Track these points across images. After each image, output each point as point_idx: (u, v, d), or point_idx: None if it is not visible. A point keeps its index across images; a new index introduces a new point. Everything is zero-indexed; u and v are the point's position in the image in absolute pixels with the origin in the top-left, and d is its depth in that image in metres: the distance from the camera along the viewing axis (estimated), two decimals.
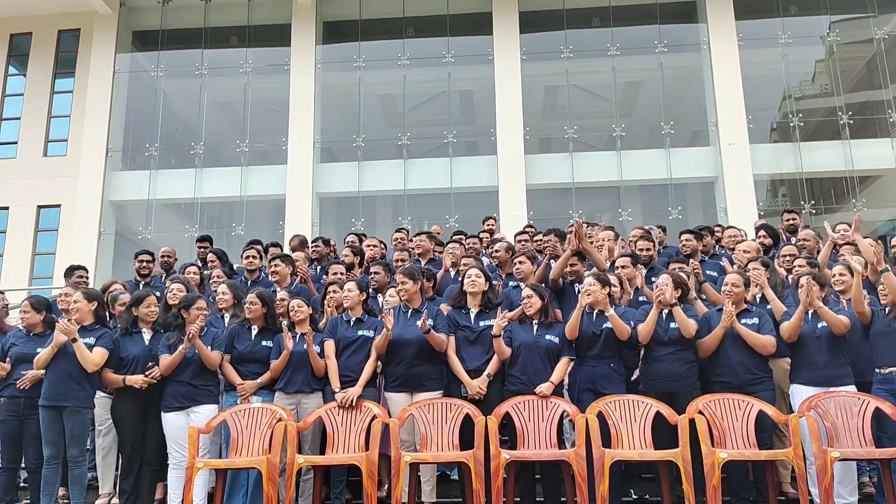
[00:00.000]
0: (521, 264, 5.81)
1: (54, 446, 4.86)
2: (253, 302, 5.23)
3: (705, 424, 4.37)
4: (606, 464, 4.28)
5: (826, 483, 4.12)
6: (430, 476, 4.95)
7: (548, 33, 15.65)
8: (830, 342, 4.70)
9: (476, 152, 15.67)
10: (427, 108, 16.04)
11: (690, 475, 4.21)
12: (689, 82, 16.11)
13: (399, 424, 4.63)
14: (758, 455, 4.45)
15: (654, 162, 14.84)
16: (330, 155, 15.77)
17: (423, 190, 15.27)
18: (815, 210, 14.57)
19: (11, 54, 16.51)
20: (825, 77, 15.43)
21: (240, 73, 15.81)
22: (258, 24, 16.13)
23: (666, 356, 4.77)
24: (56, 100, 16.21)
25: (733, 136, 14.44)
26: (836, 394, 4.58)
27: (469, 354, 4.99)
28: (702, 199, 15.26)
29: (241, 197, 15.18)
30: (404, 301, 5.15)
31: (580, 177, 14.83)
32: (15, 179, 15.42)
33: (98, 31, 15.93)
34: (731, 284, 4.94)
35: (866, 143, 14.67)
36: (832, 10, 15.30)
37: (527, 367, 4.82)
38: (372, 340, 5.06)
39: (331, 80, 15.92)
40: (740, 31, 15.04)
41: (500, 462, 4.36)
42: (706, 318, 4.97)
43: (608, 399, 4.68)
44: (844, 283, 5.17)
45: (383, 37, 16.06)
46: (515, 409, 4.73)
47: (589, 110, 16.15)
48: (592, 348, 4.86)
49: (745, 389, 4.69)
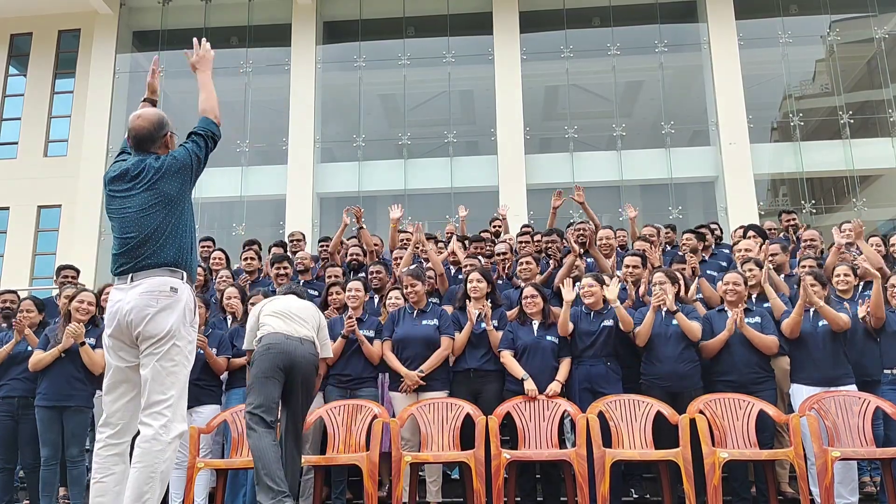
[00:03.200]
0: (528, 264, 5.82)
1: (52, 447, 4.86)
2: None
3: (706, 424, 4.37)
4: (607, 463, 4.28)
5: (827, 483, 4.12)
6: (435, 476, 4.95)
7: (548, 33, 15.64)
8: (831, 341, 4.69)
9: (476, 152, 15.66)
10: (427, 108, 16.04)
11: (691, 475, 4.21)
12: (689, 82, 16.10)
13: (400, 424, 4.63)
14: (759, 455, 4.45)
15: (655, 162, 14.84)
16: (330, 155, 15.76)
17: (423, 190, 15.26)
18: (816, 210, 14.57)
19: (12, 55, 16.51)
20: (825, 76, 15.43)
21: (240, 73, 15.81)
22: (258, 24, 16.12)
23: (669, 356, 4.77)
24: (56, 100, 16.21)
25: (734, 136, 14.44)
26: (836, 393, 4.58)
27: (470, 355, 5.01)
28: (702, 198, 15.25)
29: (241, 197, 15.19)
30: (412, 302, 5.15)
31: (580, 177, 14.80)
32: (15, 179, 15.43)
33: (98, 32, 15.94)
34: (731, 283, 4.94)
35: (867, 142, 14.66)
36: (832, 9, 15.29)
37: (528, 368, 4.83)
38: (373, 340, 5.07)
39: (331, 80, 15.91)
40: (741, 31, 15.03)
41: (500, 462, 4.36)
42: (707, 318, 4.97)
43: (608, 399, 4.68)
44: (848, 284, 5.18)
45: (383, 37, 16.06)
46: (516, 408, 4.73)
47: (589, 110, 16.14)
48: (590, 348, 4.87)
49: (748, 388, 4.69)
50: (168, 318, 2.89)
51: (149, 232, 2.93)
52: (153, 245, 2.93)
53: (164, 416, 2.84)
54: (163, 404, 2.85)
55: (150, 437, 2.81)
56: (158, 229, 2.94)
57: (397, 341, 5.02)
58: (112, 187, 3.04)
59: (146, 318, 2.87)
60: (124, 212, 2.98)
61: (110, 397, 2.98)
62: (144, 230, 2.93)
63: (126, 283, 2.93)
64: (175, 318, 2.90)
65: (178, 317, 2.91)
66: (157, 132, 3.09)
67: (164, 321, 2.88)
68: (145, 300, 2.88)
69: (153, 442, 2.80)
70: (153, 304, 2.88)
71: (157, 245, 2.93)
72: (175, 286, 2.93)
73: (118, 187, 3.02)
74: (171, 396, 2.87)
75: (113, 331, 2.94)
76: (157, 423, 2.82)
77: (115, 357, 2.98)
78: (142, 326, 2.87)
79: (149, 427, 2.83)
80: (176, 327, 2.89)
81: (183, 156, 3.03)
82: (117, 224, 3.00)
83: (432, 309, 5.13)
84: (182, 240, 3.00)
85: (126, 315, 2.88)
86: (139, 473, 2.77)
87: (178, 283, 2.95)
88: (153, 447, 2.80)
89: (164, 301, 2.89)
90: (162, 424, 2.83)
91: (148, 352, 2.89)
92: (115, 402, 2.98)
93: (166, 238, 2.95)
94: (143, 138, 3.07)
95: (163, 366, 2.87)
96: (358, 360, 5.05)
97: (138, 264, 2.93)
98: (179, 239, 2.99)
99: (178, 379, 2.91)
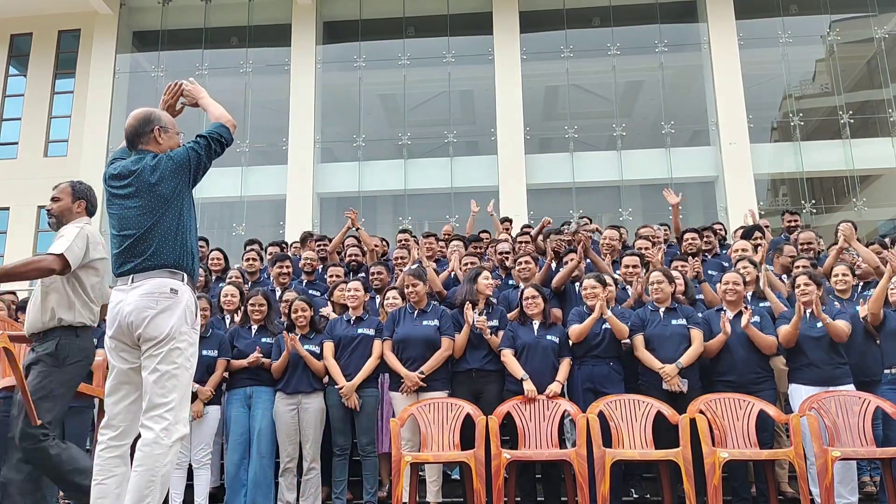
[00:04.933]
0: (527, 264, 5.82)
1: None
2: (261, 303, 5.29)
3: (706, 424, 4.37)
4: (607, 463, 4.29)
5: (827, 482, 4.12)
6: (435, 476, 4.95)
7: (548, 33, 15.65)
8: (828, 342, 4.69)
9: (476, 152, 15.67)
10: (427, 108, 16.05)
11: (691, 475, 4.21)
12: (689, 82, 16.11)
13: (400, 424, 4.63)
14: (759, 455, 4.45)
15: (655, 161, 14.84)
16: (330, 155, 15.77)
17: (423, 190, 15.27)
18: (816, 210, 14.57)
19: (12, 55, 16.53)
20: (825, 76, 15.43)
21: (240, 73, 15.82)
22: (258, 24, 16.13)
23: (667, 356, 4.77)
24: (56, 100, 16.22)
25: (734, 136, 14.44)
26: (836, 393, 4.58)
27: (470, 355, 5.01)
28: (702, 198, 15.26)
29: (241, 197, 15.20)
30: (413, 302, 5.15)
31: (580, 176, 14.83)
32: (15, 180, 15.44)
33: (98, 32, 15.95)
34: (731, 283, 4.95)
35: (867, 142, 14.67)
36: (832, 9, 15.30)
37: (529, 368, 4.83)
38: (373, 339, 5.08)
39: (331, 80, 15.92)
40: (741, 31, 15.04)
41: (500, 462, 4.36)
42: (705, 319, 4.98)
43: (609, 399, 4.68)
44: (846, 284, 5.18)
45: (383, 37, 16.07)
46: (516, 408, 4.73)
47: (589, 110, 16.14)
48: (594, 349, 4.87)
49: (748, 388, 4.69)
50: (168, 319, 2.88)
51: (146, 230, 2.92)
52: (151, 244, 2.92)
53: (165, 419, 2.82)
54: (164, 407, 2.83)
55: (152, 440, 2.79)
56: (156, 228, 2.93)
57: (398, 342, 5.02)
58: (112, 184, 3.04)
59: (146, 319, 2.86)
60: (123, 209, 2.98)
61: (112, 399, 2.98)
62: (142, 228, 2.93)
63: (127, 285, 2.93)
64: (175, 319, 2.89)
65: (179, 318, 2.90)
66: (142, 126, 3.08)
67: (165, 323, 2.87)
68: (145, 302, 2.88)
69: (154, 446, 2.78)
70: (153, 305, 2.87)
71: (156, 245, 2.92)
72: (175, 287, 2.92)
73: (117, 184, 3.02)
74: (172, 400, 2.85)
75: (114, 332, 2.94)
76: (159, 427, 2.81)
77: (117, 358, 2.97)
78: (142, 328, 2.86)
79: (150, 431, 2.81)
80: (176, 329, 2.88)
81: (180, 155, 3.02)
82: (116, 222, 3.00)
83: (433, 309, 5.13)
84: (182, 241, 2.99)
85: (127, 316, 2.88)
86: (140, 477, 2.76)
87: (179, 285, 2.94)
88: (154, 451, 2.78)
89: (164, 302, 2.89)
90: (163, 428, 2.81)
91: (149, 354, 2.88)
92: (117, 403, 2.97)
93: (165, 238, 2.94)
94: (131, 134, 3.09)
95: (164, 368, 2.85)
96: (358, 360, 5.05)
97: (138, 265, 2.92)
98: (180, 240, 2.98)
99: (180, 382, 2.89)
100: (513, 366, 4.85)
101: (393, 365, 4.97)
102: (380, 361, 5.07)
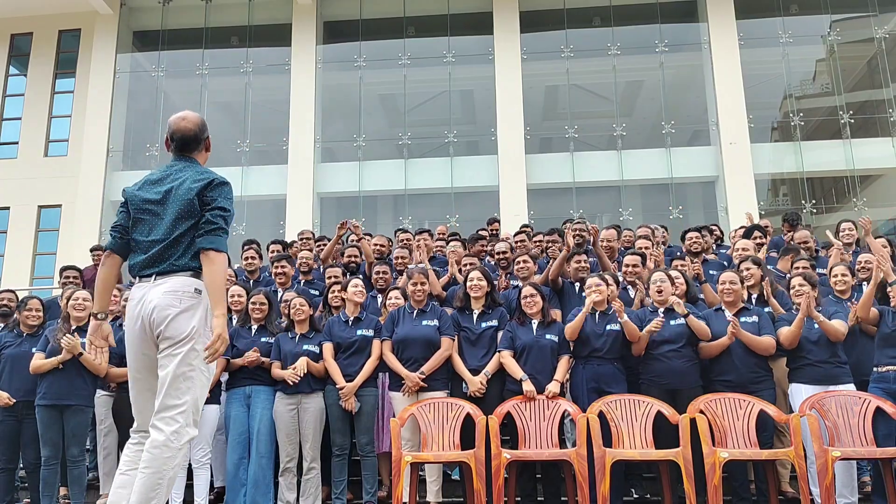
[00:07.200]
0: (525, 263, 5.82)
1: (52, 446, 4.86)
2: (262, 302, 5.31)
3: (706, 424, 4.37)
4: (607, 463, 4.28)
5: (827, 482, 4.12)
6: (435, 476, 4.95)
7: (548, 33, 15.64)
8: (828, 341, 4.70)
9: (476, 152, 15.65)
10: (427, 108, 16.03)
11: (691, 475, 4.21)
12: (689, 82, 16.10)
13: (400, 424, 4.63)
14: (759, 454, 4.45)
15: (655, 161, 14.83)
16: (330, 155, 15.76)
17: (423, 190, 15.26)
18: (816, 209, 14.56)
19: (12, 54, 16.51)
20: (826, 76, 15.42)
21: (240, 73, 15.81)
22: (258, 24, 16.12)
23: (667, 354, 4.77)
24: (57, 100, 16.20)
25: (734, 136, 14.43)
26: (836, 393, 4.58)
27: (470, 354, 5.01)
28: (702, 198, 15.25)
29: (241, 197, 15.17)
30: (417, 300, 5.15)
31: (581, 176, 14.81)
32: (16, 179, 15.42)
33: (98, 32, 15.93)
34: (728, 283, 4.95)
35: (867, 142, 14.65)
36: (833, 9, 15.29)
37: (528, 367, 4.83)
38: (371, 340, 5.07)
39: (331, 80, 15.91)
40: (741, 31, 15.03)
41: (501, 462, 4.36)
42: (705, 318, 4.98)
43: (609, 398, 4.68)
44: (846, 284, 5.18)
45: (384, 37, 16.06)
46: (517, 408, 4.73)
47: (589, 110, 16.13)
48: (598, 349, 4.87)
49: (747, 388, 4.69)
50: (190, 320, 2.84)
51: (176, 236, 2.91)
52: (178, 249, 2.91)
53: (176, 421, 2.79)
54: (176, 409, 2.80)
55: (161, 443, 2.76)
56: (184, 236, 2.92)
57: (398, 342, 5.02)
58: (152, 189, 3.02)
59: (168, 318, 2.82)
60: (158, 214, 2.95)
61: (135, 397, 2.96)
62: (172, 234, 2.91)
63: (149, 281, 2.90)
64: (196, 320, 2.86)
65: (200, 319, 2.87)
66: (201, 134, 3.12)
67: (186, 323, 2.83)
68: (168, 299, 2.84)
69: (163, 448, 2.75)
70: (176, 304, 2.84)
71: (181, 250, 2.91)
72: (199, 288, 2.90)
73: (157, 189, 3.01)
74: (185, 402, 2.81)
75: (135, 327, 2.90)
76: (169, 429, 2.77)
77: (136, 352, 2.94)
78: (163, 326, 2.82)
79: (160, 432, 2.77)
80: (197, 330, 2.85)
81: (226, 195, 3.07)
82: (146, 227, 2.97)
83: (432, 309, 5.13)
84: None
85: (150, 314, 2.84)
86: (147, 479, 2.73)
87: (203, 286, 2.91)
88: (163, 453, 2.75)
89: (187, 301, 2.86)
90: (174, 430, 2.77)
91: (167, 353, 2.84)
92: (144, 402, 2.94)
93: (190, 245, 2.92)
94: (189, 139, 3.09)
95: (180, 370, 2.81)
96: (358, 359, 5.05)
97: (164, 269, 2.90)
98: None
99: (195, 384, 2.85)
100: (512, 367, 4.85)
101: (393, 365, 4.97)
102: (379, 362, 5.07)
